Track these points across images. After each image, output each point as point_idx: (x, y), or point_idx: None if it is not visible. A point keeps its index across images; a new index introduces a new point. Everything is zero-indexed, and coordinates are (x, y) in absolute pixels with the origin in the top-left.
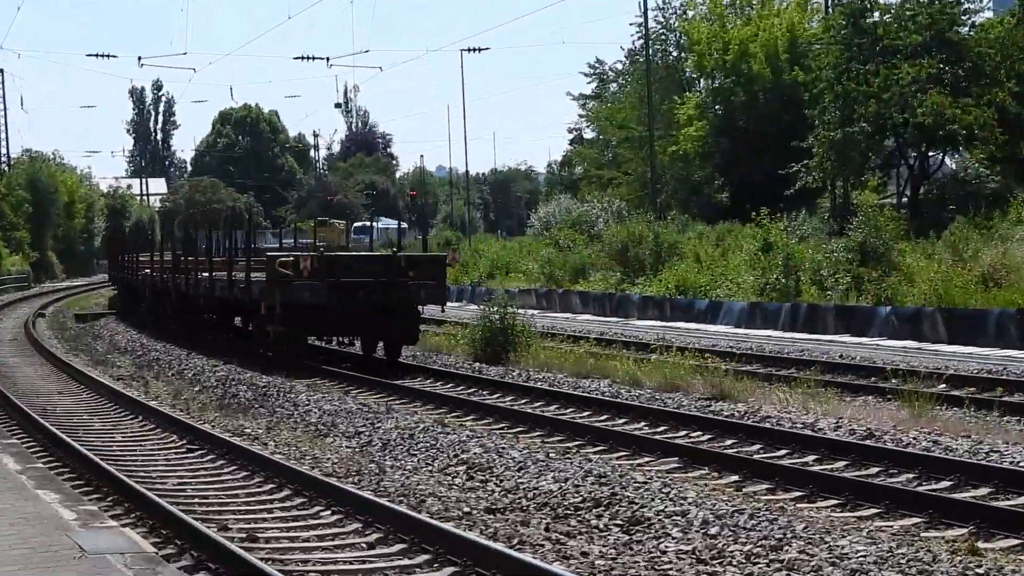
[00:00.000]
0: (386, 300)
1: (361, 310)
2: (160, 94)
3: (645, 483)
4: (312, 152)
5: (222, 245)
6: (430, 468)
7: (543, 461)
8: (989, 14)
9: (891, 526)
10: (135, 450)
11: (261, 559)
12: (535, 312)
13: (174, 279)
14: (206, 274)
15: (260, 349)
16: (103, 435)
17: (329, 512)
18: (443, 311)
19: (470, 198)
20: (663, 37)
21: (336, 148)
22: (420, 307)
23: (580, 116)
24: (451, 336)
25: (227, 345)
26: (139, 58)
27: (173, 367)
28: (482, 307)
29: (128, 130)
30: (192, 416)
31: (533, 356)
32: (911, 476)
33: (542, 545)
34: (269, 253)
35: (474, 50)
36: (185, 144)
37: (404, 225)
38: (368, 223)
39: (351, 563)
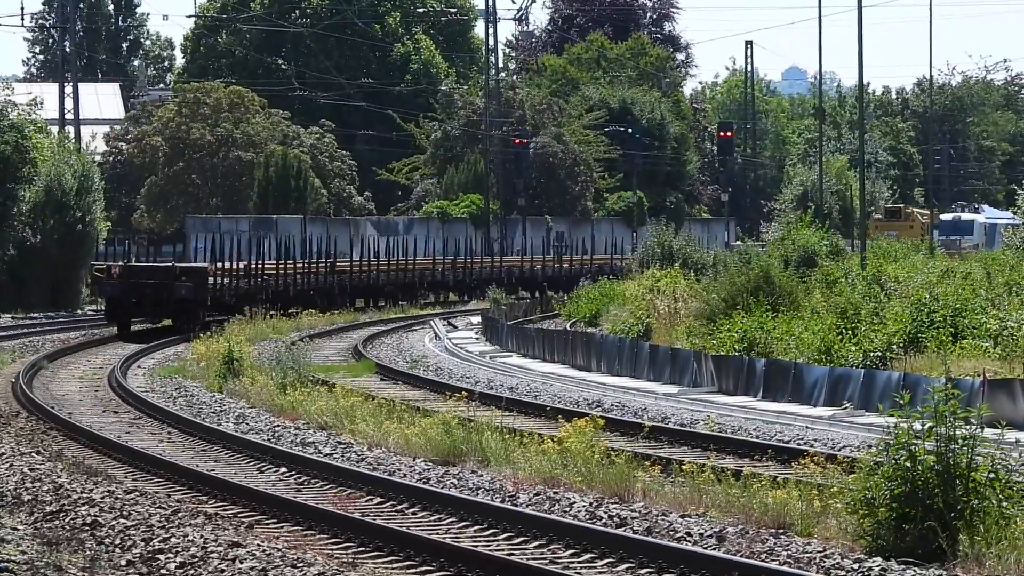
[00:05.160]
0: (164, 294)
1: (149, 301)
2: None
3: None
4: (483, 26)
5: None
6: None
7: None
8: None
9: None
10: None
11: None
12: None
13: None
14: None
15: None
16: None
17: None
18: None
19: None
20: None
21: (539, 20)
22: (205, 299)
23: None
24: (808, 488)
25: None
26: None
27: None
28: (894, 417)
29: None
30: None
31: (1013, 543)
32: None
33: None
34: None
35: None
36: (169, 4)
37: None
38: (972, 210)
39: None
